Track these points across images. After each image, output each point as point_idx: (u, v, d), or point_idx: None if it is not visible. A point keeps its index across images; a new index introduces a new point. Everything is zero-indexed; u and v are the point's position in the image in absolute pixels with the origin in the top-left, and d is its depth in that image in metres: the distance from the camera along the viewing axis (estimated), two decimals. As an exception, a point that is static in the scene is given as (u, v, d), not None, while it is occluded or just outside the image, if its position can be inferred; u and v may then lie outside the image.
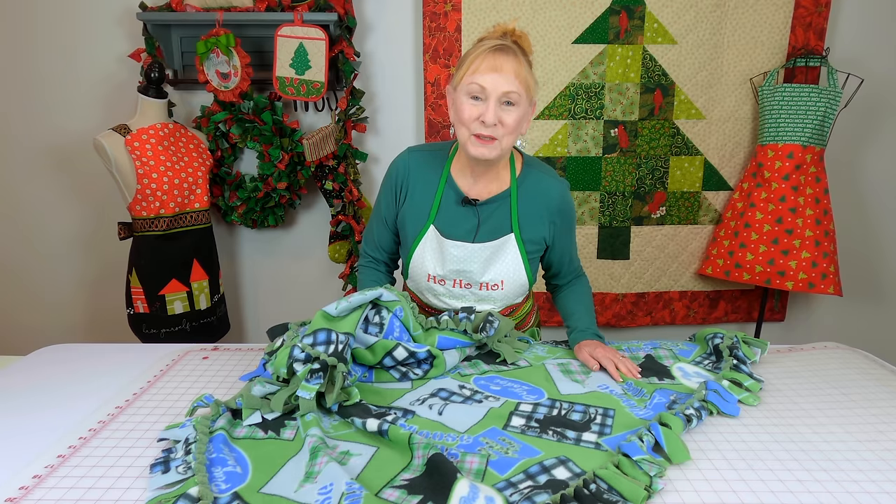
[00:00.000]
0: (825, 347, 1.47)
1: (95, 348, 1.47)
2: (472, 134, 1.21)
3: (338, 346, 1.09)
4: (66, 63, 2.37)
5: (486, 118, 1.17)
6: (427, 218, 1.34)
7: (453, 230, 1.33)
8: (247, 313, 2.67)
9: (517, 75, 1.17)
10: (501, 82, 1.16)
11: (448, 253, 1.32)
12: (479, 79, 1.17)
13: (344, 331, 1.12)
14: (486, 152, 1.21)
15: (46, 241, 2.55)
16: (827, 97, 2.15)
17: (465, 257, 1.32)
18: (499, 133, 1.19)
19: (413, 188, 1.35)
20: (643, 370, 1.28)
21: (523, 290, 1.40)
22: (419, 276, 1.39)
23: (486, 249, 1.32)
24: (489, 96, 1.17)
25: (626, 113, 2.37)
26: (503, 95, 1.17)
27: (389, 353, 1.19)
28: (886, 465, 0.95)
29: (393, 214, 1.40)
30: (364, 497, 0.81)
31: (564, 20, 2.29)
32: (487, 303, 1.39)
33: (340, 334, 1.10)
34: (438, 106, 2.37)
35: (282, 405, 1.05)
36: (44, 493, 0.87)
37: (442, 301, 1.40)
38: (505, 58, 1.17)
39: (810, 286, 2.23)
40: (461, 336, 1.28)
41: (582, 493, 0.84)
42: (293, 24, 2.10)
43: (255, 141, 2.27)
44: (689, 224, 2.49)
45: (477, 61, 1.17)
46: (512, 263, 1.34)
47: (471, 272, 1.33)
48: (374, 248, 1.48)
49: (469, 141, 1.22)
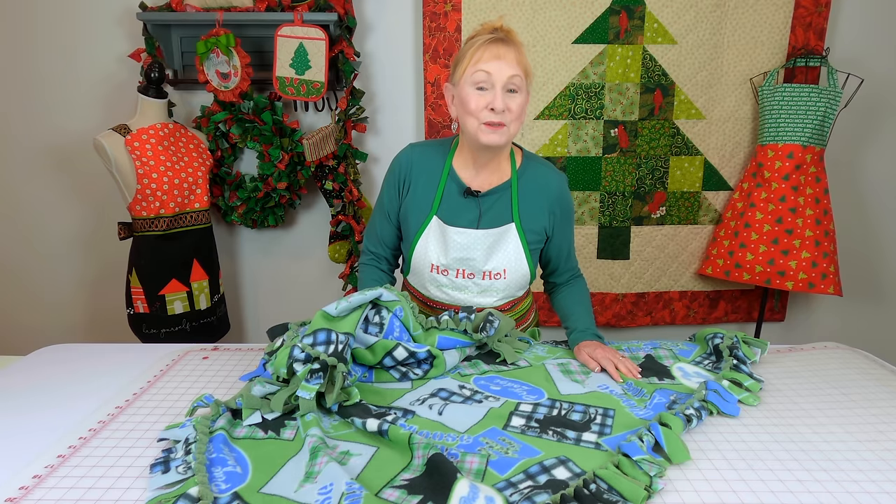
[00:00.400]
0: (825, 347, 1.47)
1: (95, 348, 1.47)
2: (481, 123, 1.24)
3: (338, 346, 1.09)
4: (66, 63, 2.37)
5: (495, 105, 1.21)
6: (430, 209, 1.36)
7: (456, 219, 1.35)
8: (247, 313, 2.67)
9: (518, 62, 1.23)
10: (505, 68, 1.21)
11: (451, 241, 1.34)
12: (483, 66, 1.21)
13: (344, 331, 1.12)
14: (496, 139, 1.25)
15: (46, 241, 2.55)
16: (827, 97, 2.15)
17: (468, 244, 1.34)
18: (507, 119, 1.24)
19: (416, 181, 1.38)
20: (643, 370, 1.28)
21: (524, 282, 1.42)
22: (422, 267, 1.40)
23: (489, 237, 1.34)
24: (495, 83, 1.22)
25: (626, 113, 2.37)
26: (508, 81, 1.22)
27: (389, 353, 1.20)
28: (886, 465, 0.95)
29: (396, 207, 1.41)
30: (364, 497, 0.81)
31: (564, 20, 2.29)
32: (490, 294, 1.39)
33: (340, 334, 1.10)
34: (438, 106, 2.37)
35: (282, 405, 1.05)
36: (44, 493, 0.87)
37: (445, 293, 1.40)
38: (505, 47, 1.22)
39: (810, 286, 2.23)
40: (461, 336, 1.28)
41: (582, 493, 0.84)
42: (293, 24, 2.10)
43: (255, 141, 2.27)
44: (689, 224, 2.49)
45: (479, 52, 1.22)
46: (514, 252, 1.36)
47: (474, 260, 1.35)
48: (377, 244, 1.48)
49: (479, 130, 1.25)
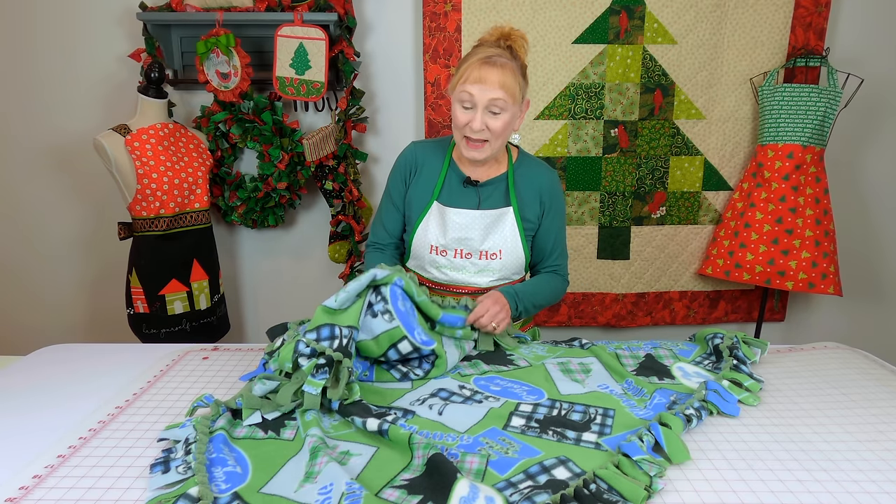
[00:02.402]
0: (825, 347, 1.47)
1: (95, 348, 1.47)
2: (463, 136, 1.36)
3: (342, 340, 1.09)
4: (66, 63, 2.37)
5: (473, 125, 1.32)
6: (431, 195, 1.46)
7: (456, 203, 1.45)
8: (247, 313, 2.67)
9: (502, 85, 1.29)
10: (487, 91, 1.29)
11: (450, 221, 1.42)
12: (468, 87, 1.30)
13: (347, 324, 1.12)
14: (476, 154, 1.37)
15: (46, 241, 2.55)
16: (827, 97, 2.15)
17: (466, 224, 1.42)
18: (487, 136, 1.34)
19: (420, 170, 1.48)
20: (644, 369, 1.28)
21: (520, 265, 1.47)
22: (422, 250, 1.46)
23: (487, 217, 1.42)
24: (477, 104, 1.31)
25: (626, 113, 2.37)
26: (489, 104, 1.30)
27: (394, 345, 1.19)
28: (886, 465, 0.95)
29: (402, 195, 1.50)
30: (364, 497, 0.81)
31: (564, 20, 2.29)
32: (486, 274, 1.45)
33: (344, 328, 1.11)
34: (438, 106, 2.37)
35: (289, 399, 1.06)
36: (44, 493, 0.87)
37: (444, 273, 1.46)
38: (490, 69, 1.29)
39: (810, 286, 2.23)
40: (463, 313, 1.29)
41: (582, 493, 0.84)
42: (293, 24, 2.10)
43: (255, 141, 2.27)
44: (689, 224, 2.49)
45: (467, 72, 1.30)
46: (510, 234, 1.43)
47: (471, 240, 1.42)
48: (382, 234, 1.54)
49: (462, 143, 1.37)
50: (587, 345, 1.40)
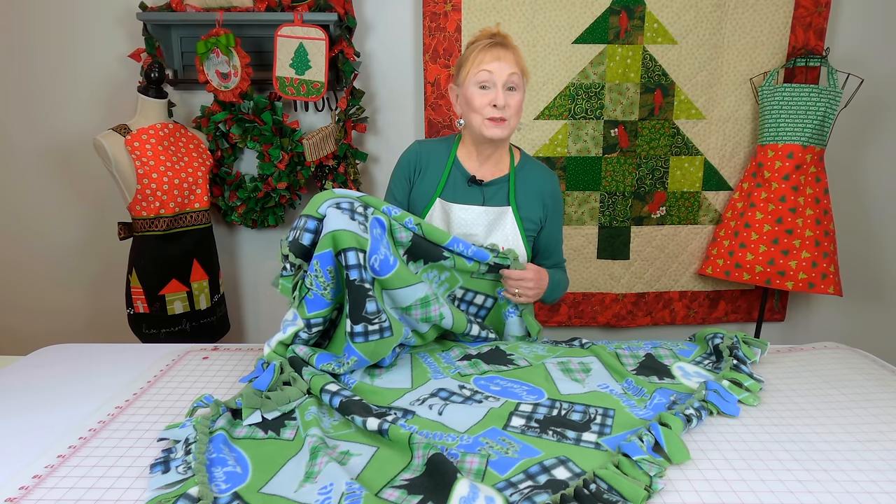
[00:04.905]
0: (825, 347, 1.47)
1: (95, 348, 1.47)
2: (485, 118, 1.38)
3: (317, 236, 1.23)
4: (66, 63, 2.37)
5: (497, 101, 1.35)
6: (434, 192, 1.48)
7: (461, 200, 1.48)
8: (247, 313, 2.67)
9: (516, 62, 1.38)
10: (505, 67, 1.36)
11: (455, 217, 1.46)
12: (486, 66, 1.36)
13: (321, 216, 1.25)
14: (499, 132, 1.39)
15: (46, 241, 2.54)
16: (827, 97, 2.15)
17: (470, 220, 1.46)
18: (507, 114, 1.38)
19: (425, 169, 1.51)
20: (644, 369, 1.28)
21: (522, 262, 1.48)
22: None
23: (490, 214, 1.46)
24: (496, 82, 1.36)
25: (626, 113, 2.37)
26: (507, 79, 1.36)
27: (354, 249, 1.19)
28: (886, 465, 0.95)
29: (406, 193, 1.52)
30: (364, 497, 0.81)
31: (564, 20, 2.29)
32: None
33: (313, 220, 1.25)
34: (438, 106, 2.37)
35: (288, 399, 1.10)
36: (44, 493, 0.87)
37: None
38: (503, 49, 1.37)
39: (810, 286, 2.23)
40: (489, 252, 1.36)
41: (582, 493, 0.84)
42: (293, 24, 2.10)
43: (255, 141, 2.27)
44: (689, 224, 2.49)
45: (481, 55, 1.37)
46: (511, 233, 1.47)
47: (475, 236, 1.46)
48: None
49: (483, 125, 1.39)
50: (587, 344, 1.40)
